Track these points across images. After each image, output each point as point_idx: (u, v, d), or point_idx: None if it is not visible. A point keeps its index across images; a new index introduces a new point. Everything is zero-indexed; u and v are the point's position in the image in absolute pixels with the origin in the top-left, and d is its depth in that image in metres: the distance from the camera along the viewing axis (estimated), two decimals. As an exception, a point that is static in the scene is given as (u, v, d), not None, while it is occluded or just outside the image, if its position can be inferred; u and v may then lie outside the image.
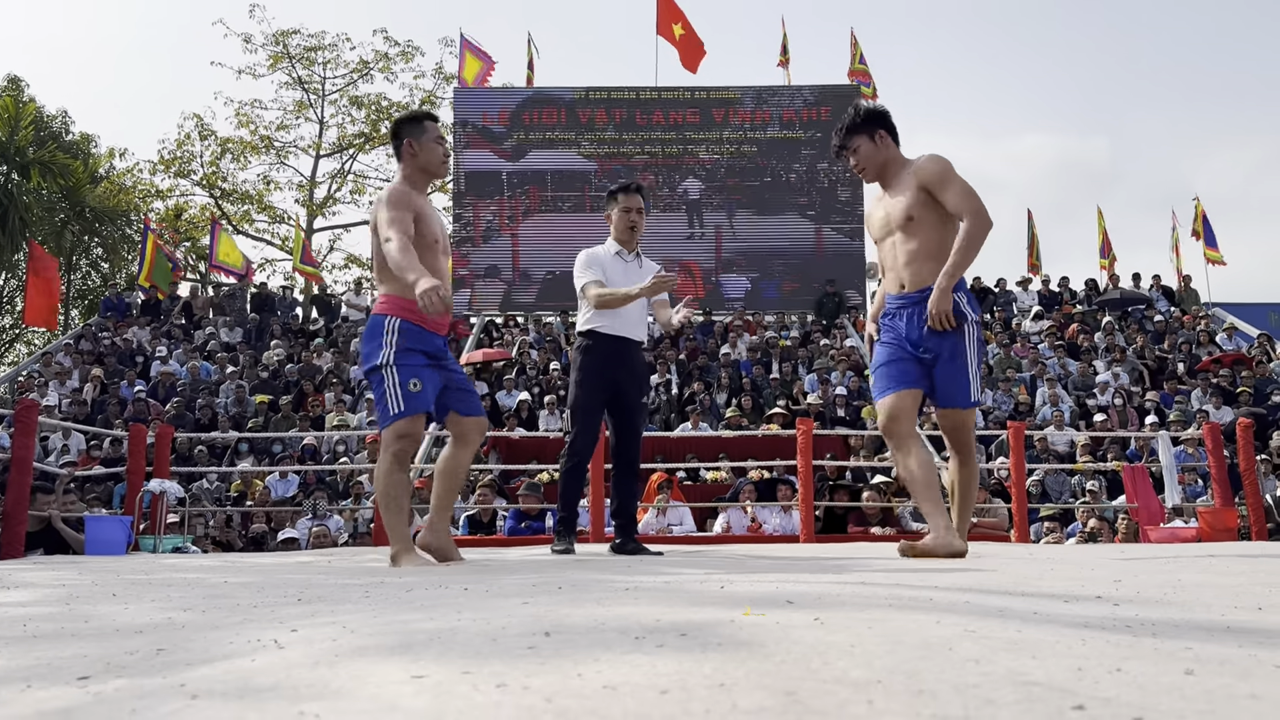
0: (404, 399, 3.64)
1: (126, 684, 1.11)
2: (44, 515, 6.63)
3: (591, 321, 4.67)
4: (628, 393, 4.72)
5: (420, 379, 3.68)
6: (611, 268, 4.72)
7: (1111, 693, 0.90)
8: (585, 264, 4.69)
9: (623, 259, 4.78)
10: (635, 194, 4.86)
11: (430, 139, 3.88)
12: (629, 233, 4.79)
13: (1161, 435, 9.32)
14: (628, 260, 4.79)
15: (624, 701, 0.88)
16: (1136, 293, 17.87)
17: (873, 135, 3.93)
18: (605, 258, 4.75)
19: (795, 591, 1.89)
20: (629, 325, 4.72)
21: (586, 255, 4.75)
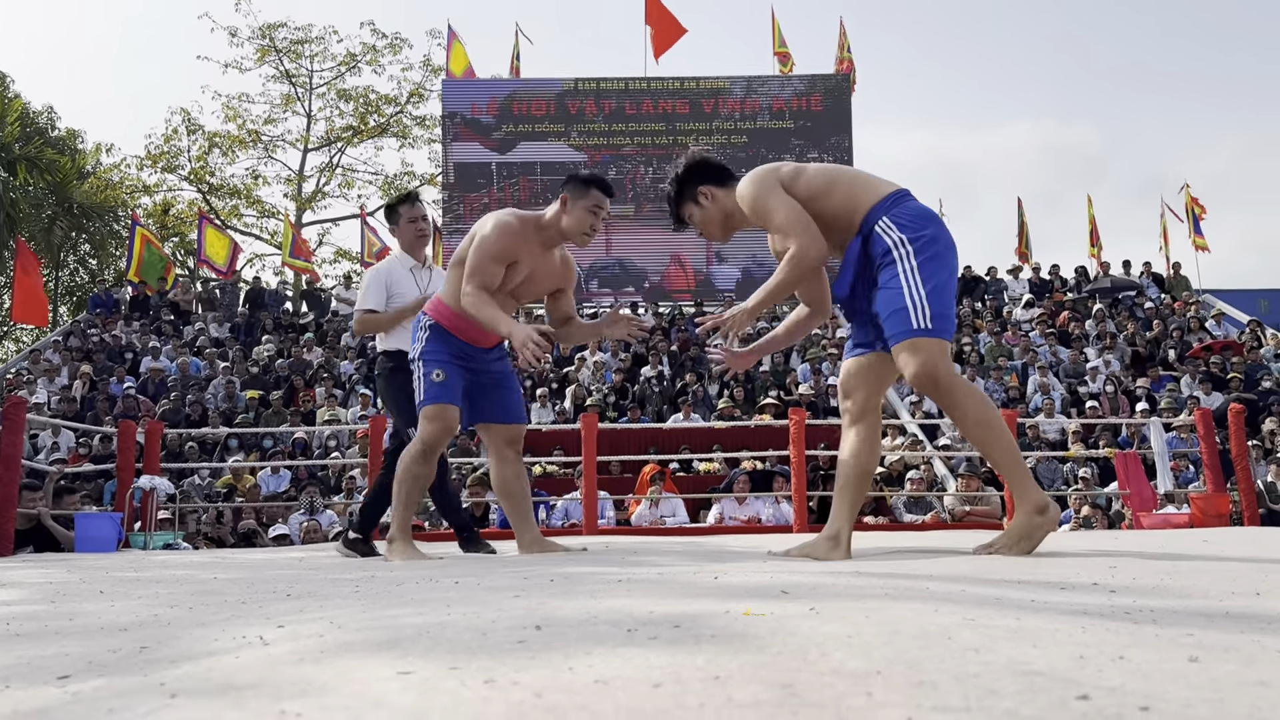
0: (425, 389, 3.68)
1: (106, 683, 1.09)
2: (33, 513, 6.58)
3: (398, 342, 4.68)
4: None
5: (445, 371, 3.69)
6: (403, 282, 4.77)
7: (1116, 681, 0.88)
8: (369, 287, 4.73)
9: (414, 272, 4.82)
10: (419, 203, 4.94)
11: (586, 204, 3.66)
12: (419, 243, 4.85)
13: (1153, 422, 9.34)
14: (419, 272, 4.84)
15: (616, 696, 0.86)
16: (1127, 280, 17.90)
17: (696, 198, 3.35)
18: (397, 272, 4.79)
19: (790, 582, 1.87)
20: None
21: (373, 275, 4.79)
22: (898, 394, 13.29)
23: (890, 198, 3.06)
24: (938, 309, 2.90)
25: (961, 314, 16.67)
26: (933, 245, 2.94)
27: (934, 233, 2.96)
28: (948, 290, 2.95)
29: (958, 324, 16.00)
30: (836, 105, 19.04)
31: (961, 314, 16.67)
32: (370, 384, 14.03)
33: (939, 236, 2.96)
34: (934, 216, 3.03)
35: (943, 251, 2.96)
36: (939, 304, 2.90)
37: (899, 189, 3.10)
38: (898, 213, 3.01)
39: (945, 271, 2.95)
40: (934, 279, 2.91)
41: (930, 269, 2.92)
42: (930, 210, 3.06)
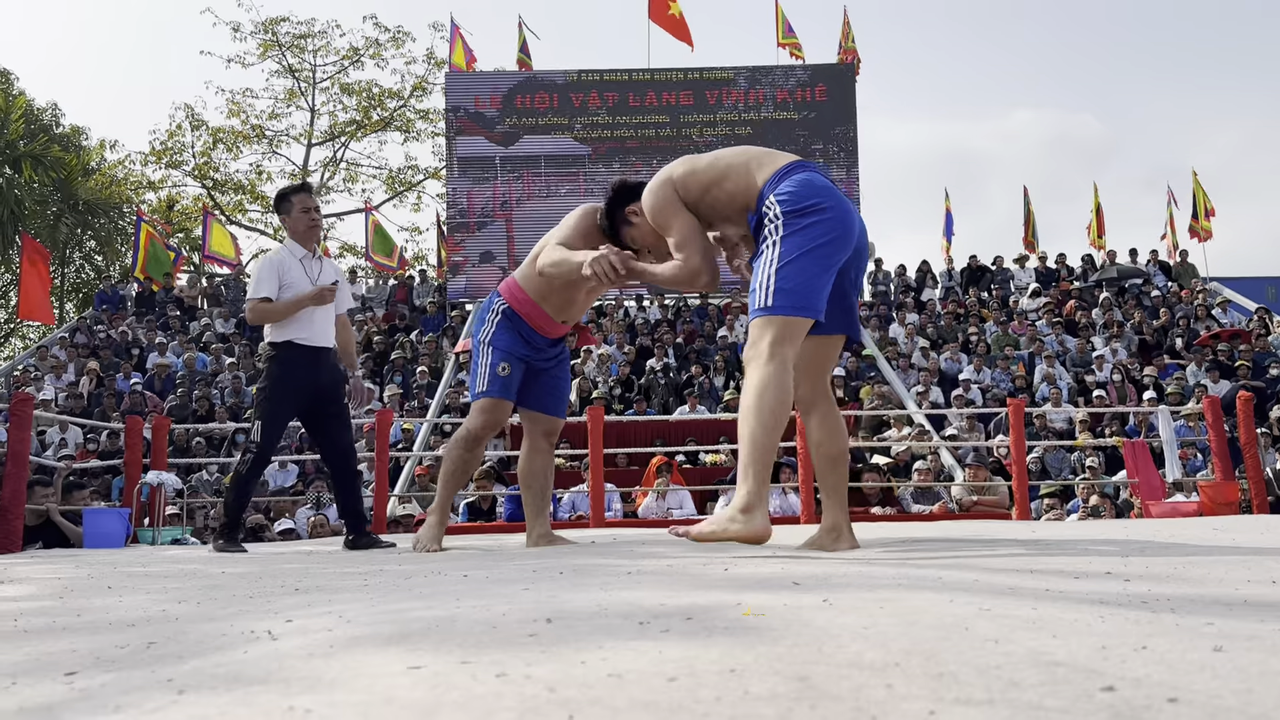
0: (489, 380, 3.65)
1: (113, 679, 1.07)
2: (42, 509, 6.59)
3: (288, 333, 4.71)
4: (327, 400, 4.85)
5: (510, 365, 3.66)
6: (294, 271, 4.77)
7: (1140, 672, 0.86)
8: (262, 275, 4.72)
9: (305, 262, 4.82)
10: (310, 193, 4.95)
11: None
12: (310, 233, 4.85)
13: (1161, 410, 9.31)
14: (309, 262, 4.84)
15: (630, 690, 0.84)
16: (1134, 268, 17.83)
17: (627, 220, 3.31)
18: (288, 262, 4.78)
19: (801, 573, 1.85)
20: (322, 334, 4.81)
21: (266, 264, 4.77)
22: (903, 384, 13.26)
23: (780, 172, 2.89)
24: (783, 284, 2.72)
25: (968, 303, 16.62)
26: (805, 217, 2.76)
27: (814, 203, 2.77)
28: (810, 263, 2.72)
29: (963, 314, 16.00)
30: (840, 96, 18.97)
31: (968, 303, 16.62)
32: (377, 378, 14.04)
33: (820, 206, 2.76)
34: (821, 187, 2.83)
35: (817, 223, 2.75)
36: (787, 279, 2.72)
37: (793, 161, 2.94)
38: (782, 188, 2.85)
39: (812, 244, 2.73)
40: (793, 253, 2.73)
41: (793, 243, 2.75)
42: (818, 181, 2.86)
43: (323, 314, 4.82)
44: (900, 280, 18.29)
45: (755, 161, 2.96)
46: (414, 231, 29.91)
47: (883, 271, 18.62)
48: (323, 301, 4.73)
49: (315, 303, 4.71)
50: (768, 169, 2.92)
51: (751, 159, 2.98)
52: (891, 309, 16.61)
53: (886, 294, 17.74)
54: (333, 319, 4.91)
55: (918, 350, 14.33)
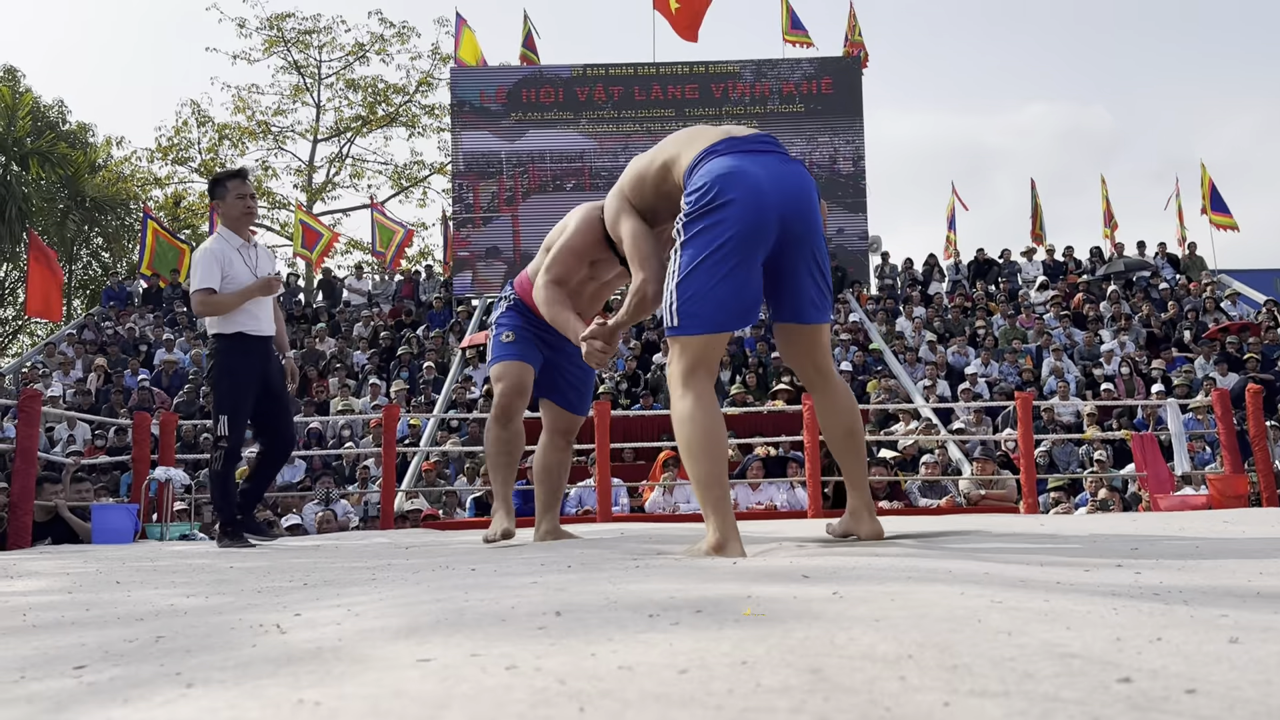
0: (495, 347, 3.60)
1: (122, 673, 1.07)
2: (51, 505, 6.61)
3: (236, 325, 4.68)
4: (275, 389, 4.84)
5: (514, 333, 3.58)
6: (235, 262, 4.73)
7: (1157, 664, 0.86)
8: (205, 267, 4.67)
9: (243, 251, 4.78)
10: (248, 181, 4.88)
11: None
12: (244, 219, 4.81)
13: (1170, 403, 9.27)
14: (246, 251, 4.80)
15: (641, 682, 0.83)
16: (1142, 261, 17.77)
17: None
18: (228, 252, 4.73)
19: (810, 565, 1.85)
20: (267, 324, 4.81)
21: (207, 255, 4.71)
22: (910, 378, 13.23)
23: (693, 162, 2.63)
24: (684, 301, 2.51)
25: (975, 297, 16.58)
26: (705, 218, 2.50)
27: (714, 199, 2.50)
28: (710, 270, 2.47)
29: (970, 307, 15.95)
30: (847, 88, 18.92)
31: (975, 297, 16.58)
32: (383, 374, 14.05)
33: (721, 202, 2.49)
34: (726, 174, 2.52)
35: (719, 221, 2.48)
36: (686, 293, 2.50)
37: (711, 144, 2.65)
38: (690, 184, 2.59)
39: (711, 246, 2.47)
40: (690, 263, 2.50)
41: (690, 251, 2.51)
42: (725, 166, 2.55)
43: (264, 302, 4.80)
44: (907, 274, 18.25)
45: (686, 149, 2.72)
46: (420, 227, 29.91)
47: (889, 265, 18.58)
48: (269, 291, 4.72)
49: (263, 293, 4.69)
50: (689, 155, 2.68)
51: (682, 147, 2.74)
52: (898, 302, 16.57)
53: (893, 287, 17.70)
54: (272, 307, 4.88)
55: (924, 344, 14.30)
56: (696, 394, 2.54)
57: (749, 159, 2.58)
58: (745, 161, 2.57)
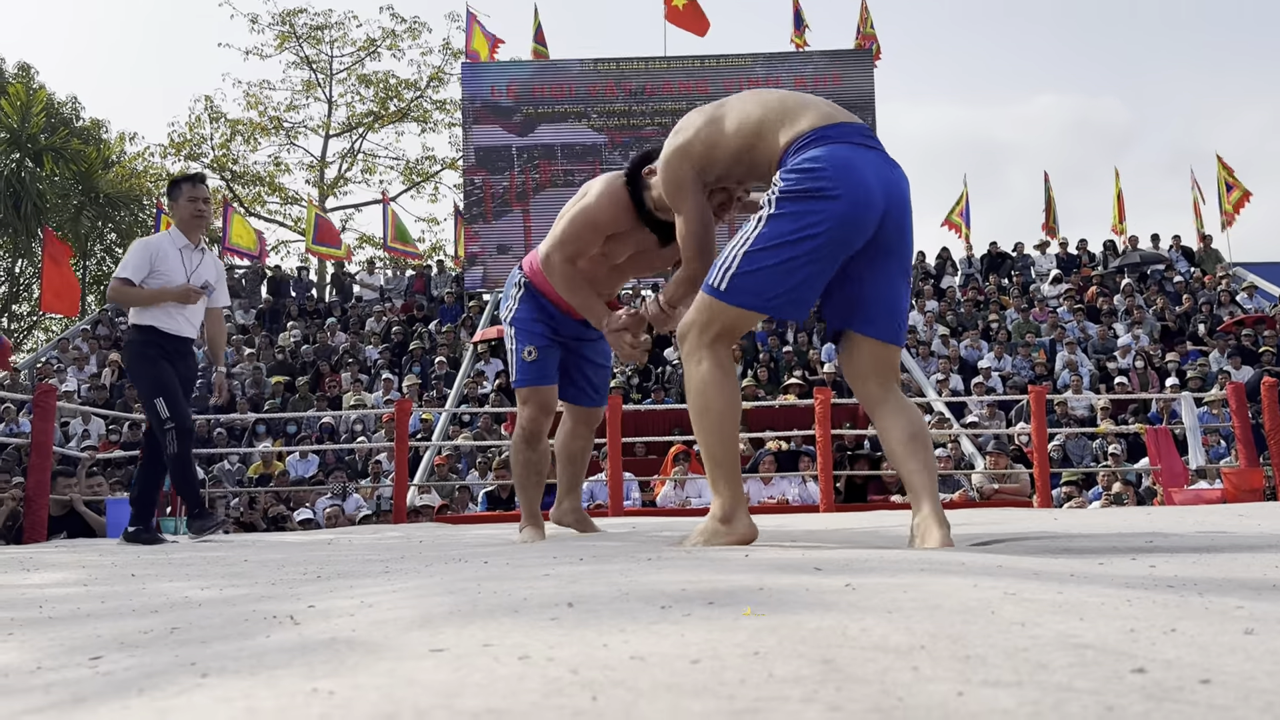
0: (519, 367, 3.39)
1: (137, 663, 1.08)
2: (66, 499, 6.65)
3: (150, 319, 4.65)
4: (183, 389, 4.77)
5: (536, 348, 3.37)
6: (170, 260, 4.71)
7: (1171, 654, 0.85)
8: (131, 257, 4.68)
9: (184, 253, 4.77)
10: (202, 184, 4.89)
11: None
12: (194, 223, 4.80)
13: (1184, 397, 9.23)
14: (189, 253, 4.78)
15: (653, 672, 0.83)
16: (1156, 254, 17.66)
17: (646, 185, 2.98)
18: (166, 249, 4.73)
19: (822, 558, 1.84)
20: (185, 325, 4.75)
21: (140, 246, 4.73)
22: (923, 372, 13.19)
23: (805, 139, 2.46)
24: (746, 268, 2.37)
25: (988, 290, 16.51)
26: (804, 203, 2.35)
27: (821, 188, 2.35)
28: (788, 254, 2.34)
29: (984, 301, 15.89)
30: (859, 81, 18.85)
31: (988, 290, 16.51)
32: (395, 368, 14.09)
33: (827, 193, 2.34)
34: (840, 167, 2.37)
35: (816, 212, 2.34)
36: (754, 265, 2.36)
37: (825, 125, 2.48)
38: (796, 161, 2.43)
39: (801, 234, 2.33)
40: (773, 239, 2.35)
41: (777, 226, 2.36)
42: (840, 157, 2.39)
43: (191, 308, 4.77)
44: (920, 267, 18.19)
45: (788, 117, 2.53)
46: (431, 222, 29.97)
47: (901, 259, 18.51)
48: (188, 301, 4.67)
49: (179, 299, 4.65)
50: (792, 129, 2.51)
51: (785, 114, 2.54)
52: (911, 296, 16.51)
53: (905, 281, 17.63)
54: (200, 312, 4.85)
55: (937, 338, 14.25)
56: (717, 360, 2.48)
57: (861, 154, 2.43)
58: (858, 157, 2.42)
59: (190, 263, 4.78)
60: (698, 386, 2.49)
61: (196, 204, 4.79)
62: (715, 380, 2.47)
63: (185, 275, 4.72)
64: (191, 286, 4.70)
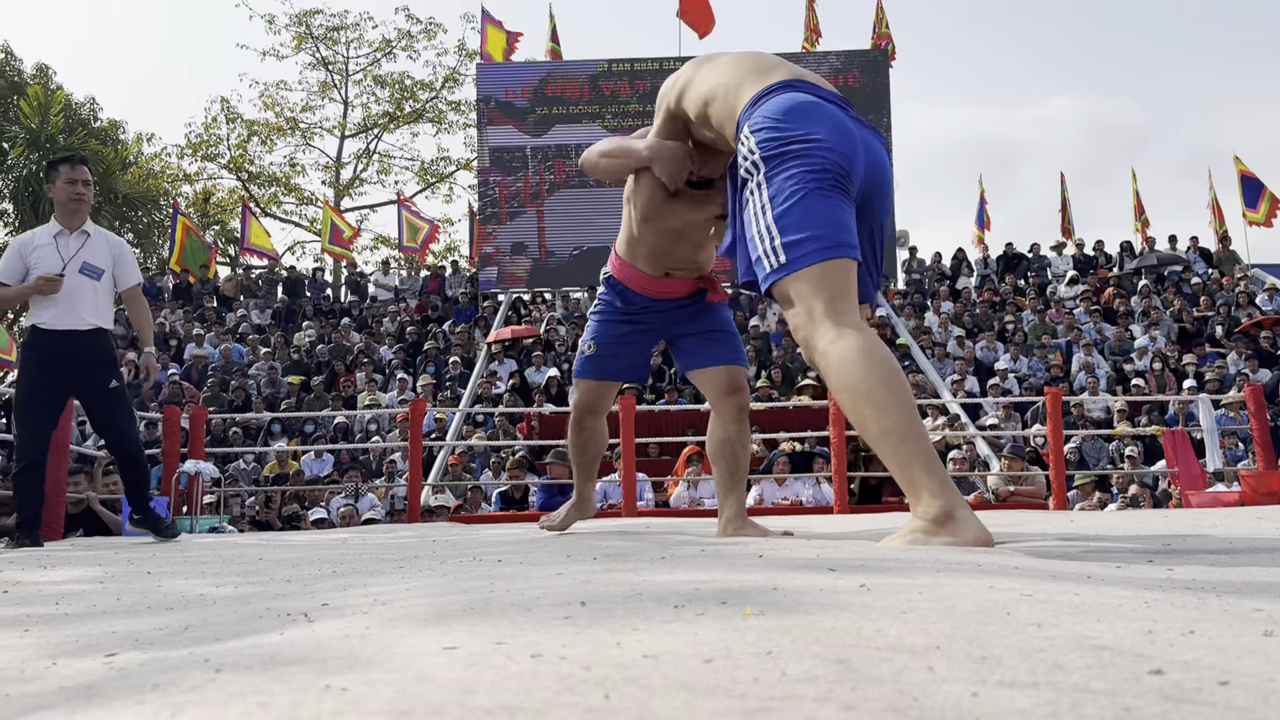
0: (578, 356, 3.39)
1: (152, 659, 1.08)
2: (82, 498, 6.69)
3: (34, 317, 4.45)
4: (86, 386, 4.51)
5: (596, 343, 3.28)
6: (42, 250, 4.48)
7: (1189, 656, 0.84)
8: (6, 255, 4.49)
9: (59, 239, 4.51)
10: (81, 165, 4.61)
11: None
12: (70, 205, 4.52)
13: (1202, 399, 9.17)
14: (65, 239, 4.52)
15: (666, 670, 0.83)
16: (1173, 255, 17.55)
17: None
18: (38, 241, 4.51)
19: (836, 558, 1.84)
20: (72, 317, 4.44)
21: (12, 245, 4.55)
22: (938, 373, 13.14)
23: (757, 95, 2.32)
24: (795, 230, 2.14)
25: (1004, 291, 16.44)
26: (788, 147, 2.18)
27: (801, 133, 2.20)
28: (818, 198, 2.15)
29: (999, 302, 15.82)
30: (874, 82, 18.80)
31: (1004, 291, 16.44)
32: (410, 368, 14.13)
33: (808, 136, 2.19)
34: (806, 111, 2.24)
35: (810, 151, 2.17)
36: (797, 222, 2.14)
37: (773, 82, 2.33)
38: (756, 118, 2.26)
39: (810, 179, 2.16)
40: (792, 193, 2.16)
41: (781, 181, 2.18)
42: (803, 102, 2.26)
43: (78, 295, 4.45)
44: (935, 268, 18.13)
45: (749, 80, 2.39)
46: (445, 223, 30.06)
47: (917, 259, 18.46)
48: (45, 292, 4.38)
49: (38, 293, 4.39)
50: (749, 90, 2.36)
51: (746, 77, 2.41)
52: (926, 297, 16.47)
53: (921, 282, 17.58)
54: (96, 300, 4.52)
55: (953, 339, 14.20)
56: (855, 327, 2.09)
57: (832, 107, 2.30)
58: (823, 104, 2.29)
59: (68, 249, 4.48)
60: (846, 363, 2.06)
61: (75, 186, 4.51)
62: (854, 346, 2.06)
63: (61, 264, 4.43)
64: (48, 275, 4.37)
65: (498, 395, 12.44)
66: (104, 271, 4.57)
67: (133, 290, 4.74)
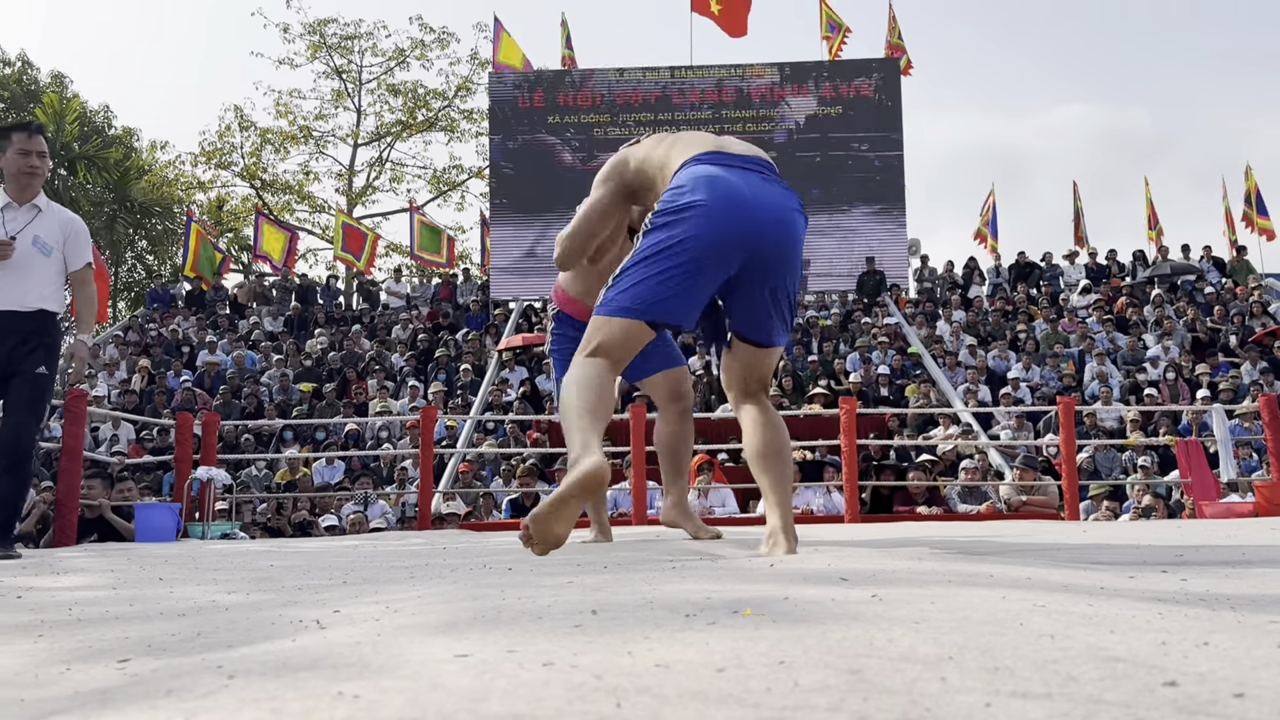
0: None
1: (165, 665, 1.09)
2: (95, 504, 6.71)
3: None
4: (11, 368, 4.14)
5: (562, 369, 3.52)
6: None
7: (1204, 668, 0.84)
8: None
9: (10, 213, 4.22)
10: (37, 134, 4.29)
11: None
12: (21, 178, 4.23)
13: (1216, 409, 9.12)
14: (11, 212, 4.22)
15: (678, 679, 0.83)
16: (1186, 264, 17.47)
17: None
18: None
19: (848, 569, 1.83)
20: (17, 295, 4.15)
21: None
22: (950, 382, 13.11)
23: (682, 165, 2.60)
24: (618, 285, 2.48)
25: (1016, 300, 16.39)
26: (669, 216, 2.45)
27: (688, 201, 2.44)
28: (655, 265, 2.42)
29: (1012, 311, 15.78)
30: (887, 91, 18.79)
31: (1016, 300, 16.39)
32: (421, 376, 14.16)
33: (693, 205, 2.43)
34: (706, 181, 2.47)
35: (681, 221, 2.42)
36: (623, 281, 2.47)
37: (696, 154, 2.60)
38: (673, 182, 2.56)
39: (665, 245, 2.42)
40: (639, 256, 2.46)
41: (644, 244, 2.46)
42: (707, 174, 2.49)
43: (27, 271, 4.18)
44: (947, 277, 18.09)
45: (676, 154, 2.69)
46: (457, 231, 30.15)
47: (929, 268, 18.42)
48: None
49: None
50: (676, 162, 2.65)
51: (673, 152, 2.71)
52: (938, 306, 16.43)
53: (933, 291, 17.55)
54: (45, 279, 4.24)
55: (964, 348, 14.16)
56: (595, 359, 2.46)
57: (735, 172, 2.52)
58: (729, 174, 2.50)
59: (14, 222, 4.21)
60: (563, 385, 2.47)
61: (30, 158, 4.22)
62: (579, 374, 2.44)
63: (4, 234, 4.15)
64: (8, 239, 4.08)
65: (509, 403, 12.45)
66: (53, 249, 4.29)
67: (81, 273, 4.41)
